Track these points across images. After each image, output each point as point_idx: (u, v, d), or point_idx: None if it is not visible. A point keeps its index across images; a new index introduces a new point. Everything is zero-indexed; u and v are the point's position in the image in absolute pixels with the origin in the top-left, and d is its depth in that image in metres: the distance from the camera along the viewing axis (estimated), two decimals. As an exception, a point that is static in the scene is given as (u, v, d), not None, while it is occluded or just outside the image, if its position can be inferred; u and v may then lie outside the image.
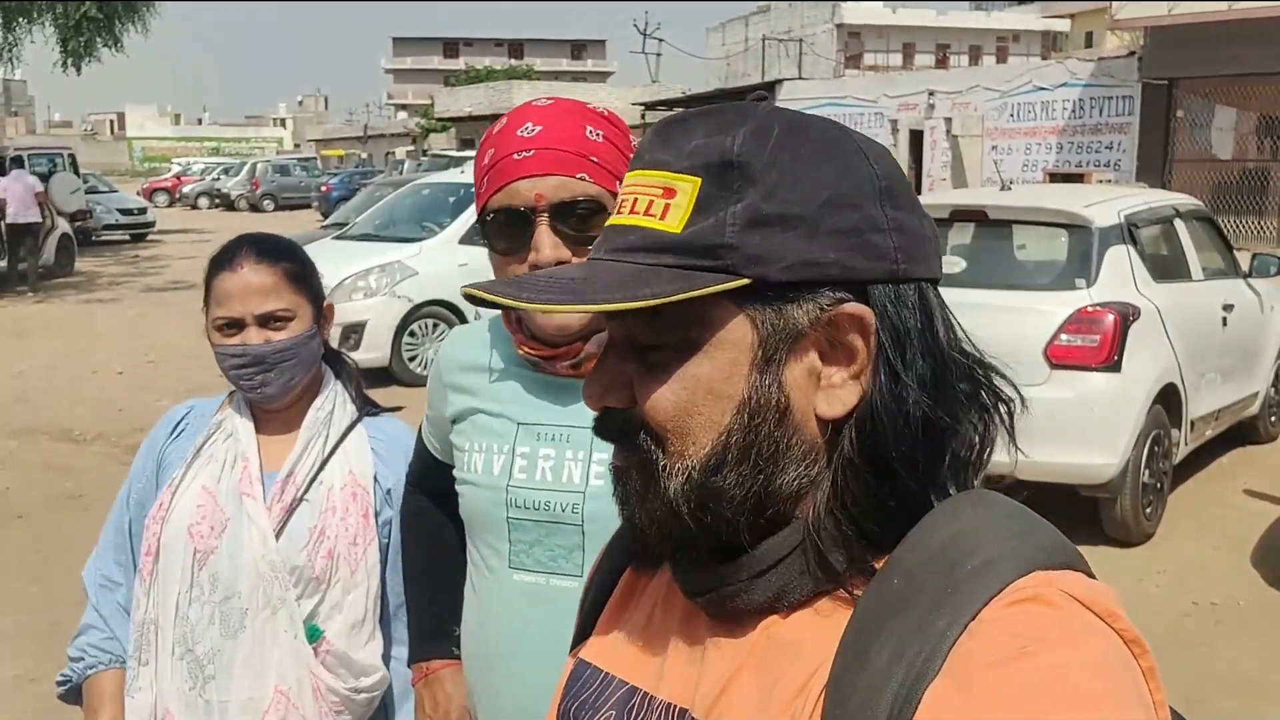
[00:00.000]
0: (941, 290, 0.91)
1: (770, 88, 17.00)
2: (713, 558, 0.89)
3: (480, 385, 1.75)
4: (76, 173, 24.09)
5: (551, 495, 1.62)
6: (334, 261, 9.78)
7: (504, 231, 1.61)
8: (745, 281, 0.83)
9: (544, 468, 1.64)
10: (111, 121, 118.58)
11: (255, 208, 41.82)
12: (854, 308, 0.85)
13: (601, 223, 1.55)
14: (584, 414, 1.63)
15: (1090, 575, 0.81)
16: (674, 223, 0.85)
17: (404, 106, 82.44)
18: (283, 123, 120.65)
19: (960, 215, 6.93)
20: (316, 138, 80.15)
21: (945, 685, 0.74)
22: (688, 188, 0.85)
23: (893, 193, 0.87)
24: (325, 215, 25.71)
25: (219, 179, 46.51)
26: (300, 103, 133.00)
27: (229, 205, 43.57)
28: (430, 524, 1.97)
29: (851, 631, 0.81)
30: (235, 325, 1.97)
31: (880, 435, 0.84)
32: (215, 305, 1.99)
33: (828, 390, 0.86)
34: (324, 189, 34.99)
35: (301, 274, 2.03)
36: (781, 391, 0.85)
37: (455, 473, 1.77)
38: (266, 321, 1.97)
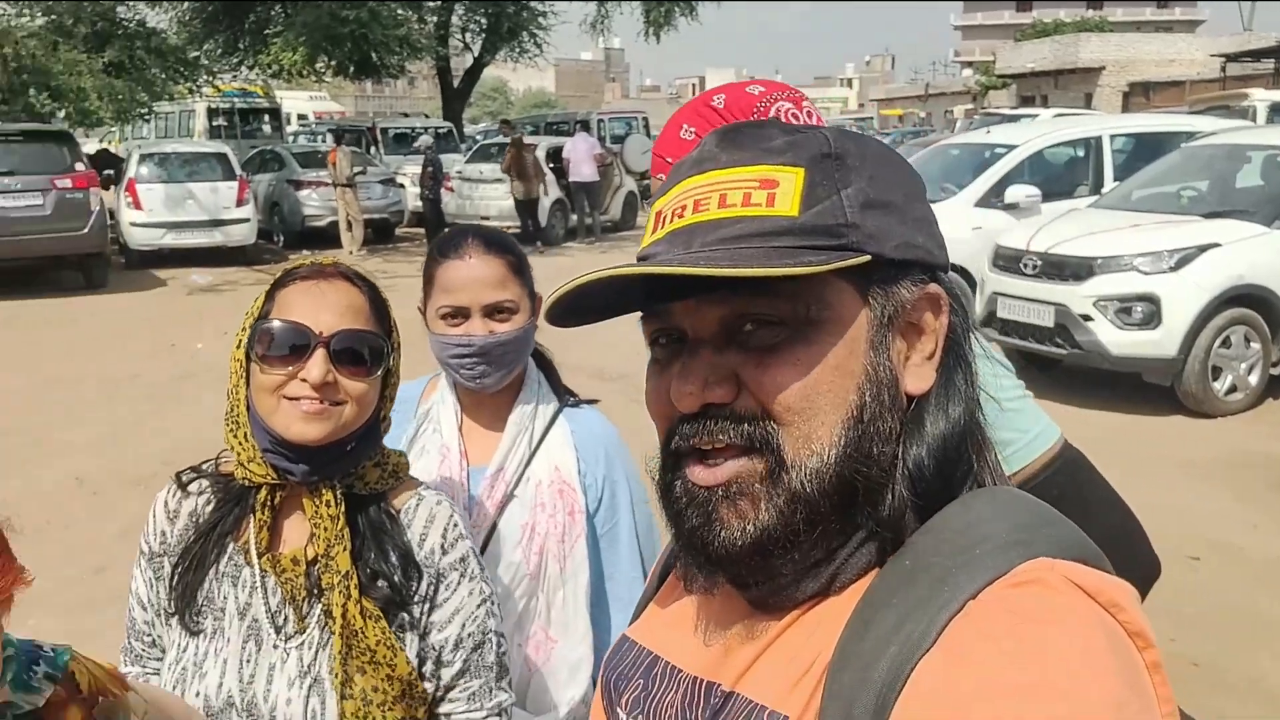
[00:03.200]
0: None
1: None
2: (782, 547, 0.88)
3: None
4: (649, 134, 26.32)
5: None
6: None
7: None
8: (868, 258, 0.87)
9: None
10: (694, 85, 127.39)
11: (810, 167, 42.99)
12: (935, 289, 0.92)
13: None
14: None
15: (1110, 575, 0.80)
16: (787, 208, 0.88)
17: (969, 64, 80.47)
18: (849, 83, 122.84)
19: None
20: (879, 97, 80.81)
21: (935, 658, 0.76)
22: (792, 177, 0.89)
23: (923, 192, 0.96)
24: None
25: (780, 139, 48.21)
26: (867, 63, 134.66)
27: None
28: None
29: (860, 607, 0.84)
30: (461, 314, 1.99)
31: (943, 414, 0.90)
32: (441, 293, 2.00)
33: (914, 368, 0.91)
34: (875, 148, 35.27)
35: (521, 267, 2.05)
36: (891, 367, 0.89)
37: None
38: (492, 313, 1.98)
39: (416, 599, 1.62)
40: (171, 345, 11.09)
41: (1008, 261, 8.79)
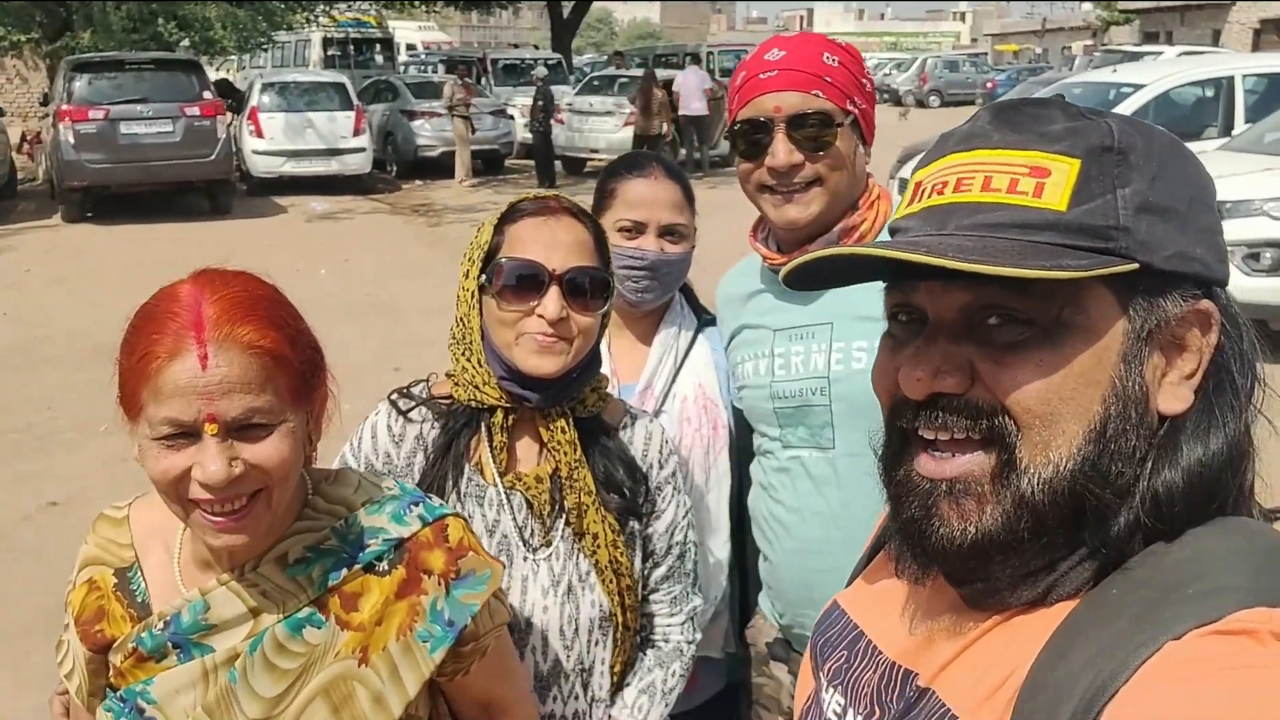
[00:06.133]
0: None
1: None
2: (1000, 549, 0.86)
3: (742, 307, 2.04)
4: (757, 68, 26.01)
5: (803, 384, 1.87)
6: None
7: (748, 139, 1.86)
8: (1135, 266, 0.82)
9: (795, 362, 1.89)
10: (801, 17, 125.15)
11: (921, 103, 42.01)
12: (1207, 305, 0.85)
13: (832, 135, 1.80)
14: (823, 311, 1.88)
15: None
16: (1055, 201, 0.84)
17: (1090, -3, 77.59)
18: (962, 17, 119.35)
19: None
20: (993, 33, 78.46)
21: (1125, 699, 0.73)
22: (1065, 168, 0.84)
23: (1212, 198, 0.89)
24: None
25: (890, 74, 47.11)
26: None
27: (896, 100, 43.80)
28: None
29: (1059, 631, 0.81)
30: (639, 229, 2.09)
31: (1200, 441, 0.84)
32: (623, 206, 2.11)
33: (1170, 386, 0.85)
34: (989, 85, 34.46)
35: (692, 197, 2.18)
36: (1143, 383, 0.84)
37: (737, 382, 2.05)
38: (666, 233, 2.10)
39: (644, 510, 1.76)
40: (296, 270, 11.47)
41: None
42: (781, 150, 1.82)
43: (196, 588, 1.39)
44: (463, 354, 1.72)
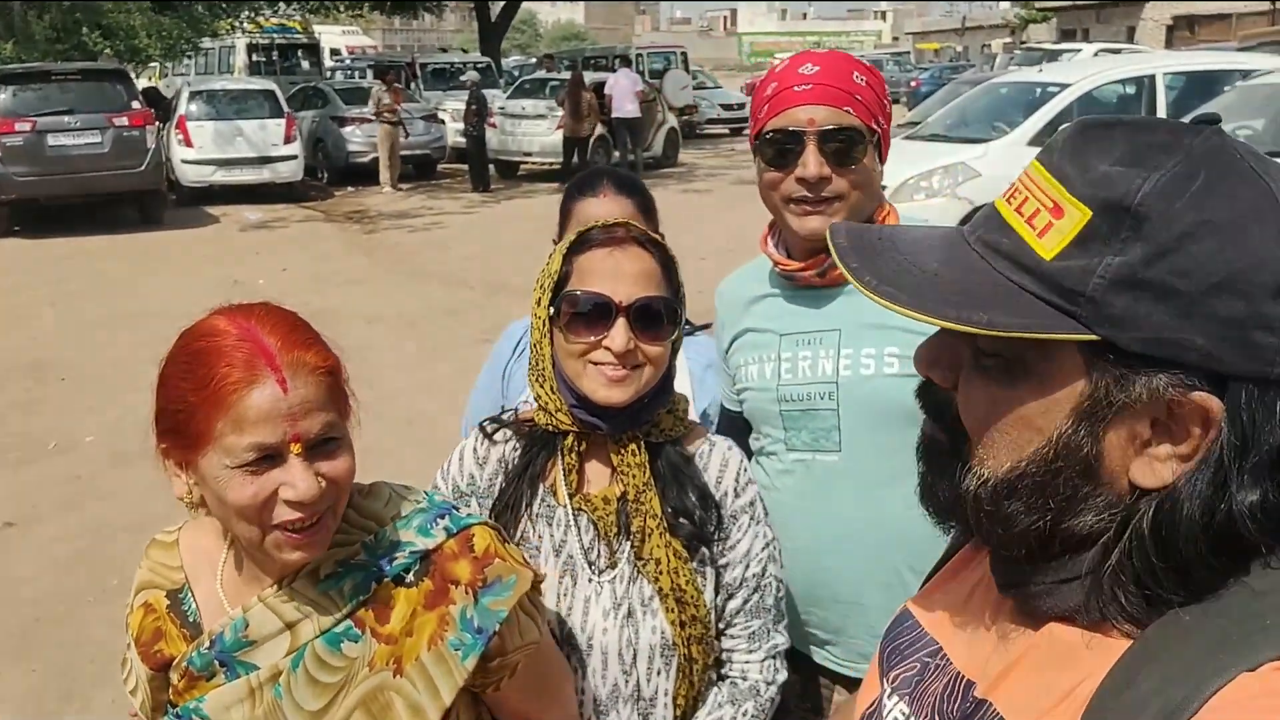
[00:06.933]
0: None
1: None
2: (1026, 556, 0.89)
3: (747, 310, 2.09)
4: (687, 69, 26.25)
5: (810, 388, 1.95)
6: (898, 162, 9.95)
7: (778, 149, 1.91)
8: (1092, 338, 0.80)
9: (803, 367, 1.96)
10: (725, 18, 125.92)
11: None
12: (1202, 398, 0.78)
13: (860, 152, 1.88)
14: (831, 318, 1.96)
15: None
16: (1050, 246, 0.82)
17: (1007, -4, 79.09)
18: (883, 16, 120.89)
19: None
20: (914, 31, 79.66)
21: None
22: (1076, 216, 0.81)
23: (1263, 289, 0.77)
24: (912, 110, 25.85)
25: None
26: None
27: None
28: None
29: (1126, 656, 0.80)
30: None
31: (1175, 525, 0.80)
32: (577, 226, 2.13)
33: (1149, 460, 0.82)
34: (913, 84, 34.94)
35: (648, 206, 2.25)
36: (1096, 445, 0.82)
37: (737, 385, 2.11)
38: None
39: (715, 538, 1.75)
40: (235, 281, 11.36)
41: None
42: (813, 162, 1.88)
43: (240, 606, 1.44)
44: (537, 380, 1.76)
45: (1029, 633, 0.90)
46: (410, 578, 1.45)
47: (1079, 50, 20.86)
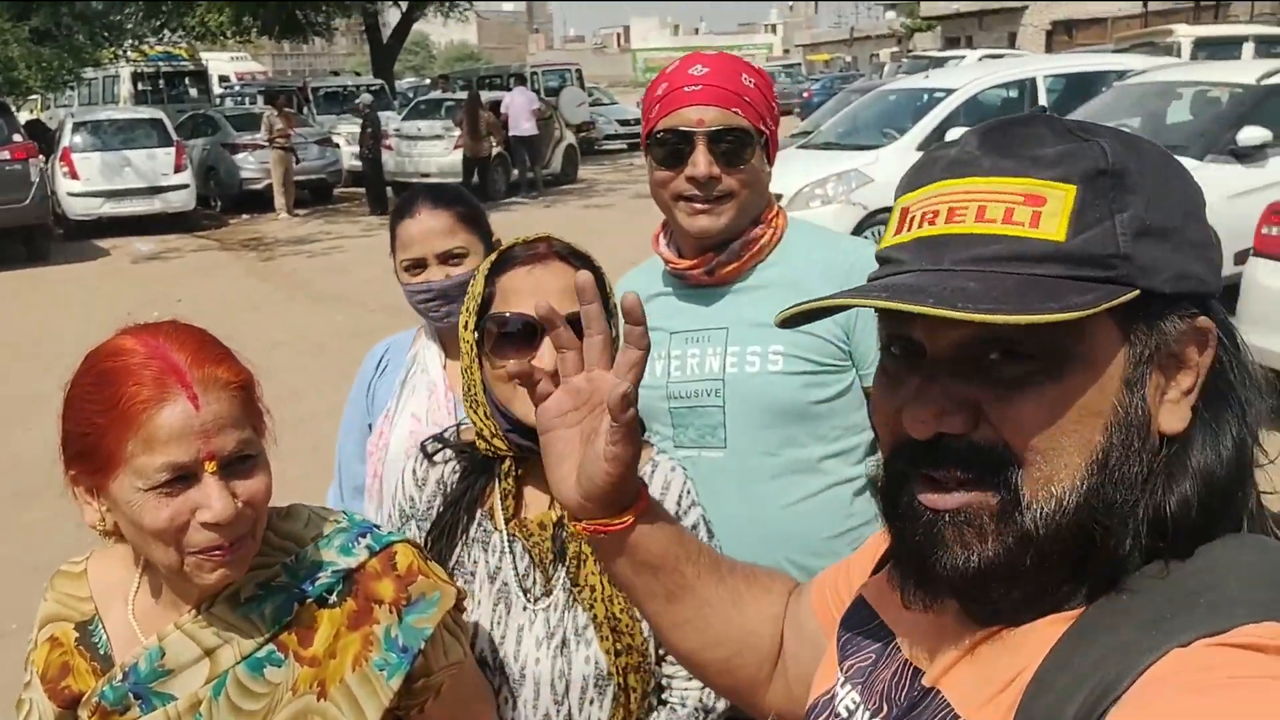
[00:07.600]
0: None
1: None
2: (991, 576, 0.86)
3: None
4: (583, 86, 26.32)
5: (697, 384, 1.99)
6: (792, 170, 10.14)
7: (668, 148, 1.95)
8: (1137, 293, 0.81)
9: (691, 364, 2.01)
10: (618, 35, 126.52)
11: (741, 114, 42.79)
12: (1205, 322, 0.84)
13: (749, 152, 1.93)
14: (719, 316, 2.01)
15: None
16: (1053, 231, 0.81)
17: (893, 5, 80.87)
18: (773, 29, 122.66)
19: None
20: (804, 43, 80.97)
21: (1130, 704, 0.73)
22: (1060, 195, 0.82)
23: (1203, 210, 0.87)
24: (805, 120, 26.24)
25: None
26: (791, 8, 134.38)
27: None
28: None
29: (1066, 635, 0.82)
30: (419, 265, 2.25)
31: (1204, 457, 0.83)
32: (401, 249, 2.28)
33: (1170, 405, 0.84)
34: (805, 95, 35.48)
35: (472, 215, 2.31)
36: (1145, 407, 0.83)
37: None
38: (446, 259, 2.24)
39: None
40: (127, 314, 11.01)
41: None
42: (702, 161, 1.92)
43: (155, 634, 1.40)
44: (471, 406, 1.72)
45: (983, 628, 0.89)
46: (333, 598, 1.43)
47: (963, 57, 21.35)
